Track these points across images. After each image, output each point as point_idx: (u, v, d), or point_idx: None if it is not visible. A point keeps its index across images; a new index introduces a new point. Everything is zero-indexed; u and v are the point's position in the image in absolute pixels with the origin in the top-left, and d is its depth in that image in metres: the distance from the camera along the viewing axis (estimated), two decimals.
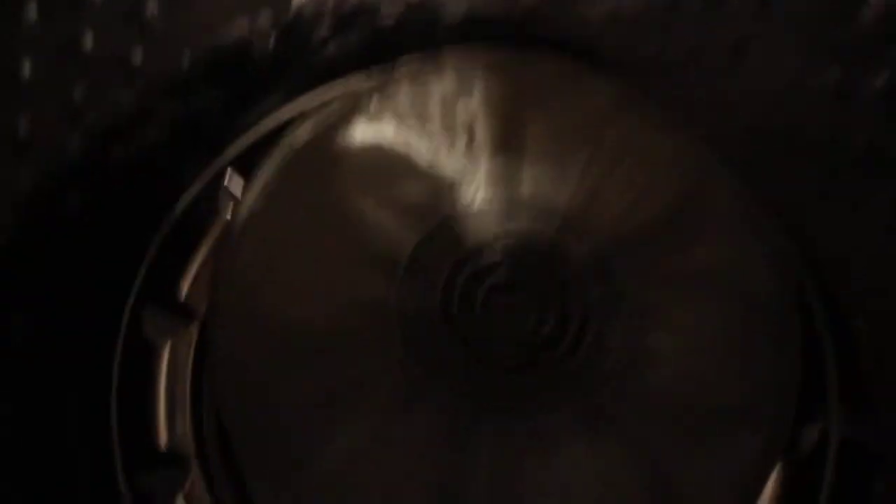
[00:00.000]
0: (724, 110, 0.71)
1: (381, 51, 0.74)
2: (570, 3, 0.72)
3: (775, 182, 0.69)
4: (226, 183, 0.76)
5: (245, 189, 0.73)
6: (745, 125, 0.71)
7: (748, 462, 0.64)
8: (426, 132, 0.70)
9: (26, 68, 0.70)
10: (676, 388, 0.65)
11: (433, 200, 0.70)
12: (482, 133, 0.70)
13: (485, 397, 0.66)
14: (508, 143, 0.70)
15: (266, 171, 0.71)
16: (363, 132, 0.71)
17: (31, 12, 0.69)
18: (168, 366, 0.74)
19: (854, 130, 0.70)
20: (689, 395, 0.65)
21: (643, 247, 0.68)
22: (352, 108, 0.71)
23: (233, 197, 0.75)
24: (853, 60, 0.68)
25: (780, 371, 0.66)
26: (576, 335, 0.67)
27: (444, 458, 0.65)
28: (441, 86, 0.71)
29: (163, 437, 0.73)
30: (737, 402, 0.65)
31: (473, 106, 0.70)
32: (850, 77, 0.68)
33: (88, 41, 0.71)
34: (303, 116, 0.74)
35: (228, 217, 0.75)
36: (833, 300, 0.71)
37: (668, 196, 0.69)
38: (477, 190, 0.69)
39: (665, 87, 0.71)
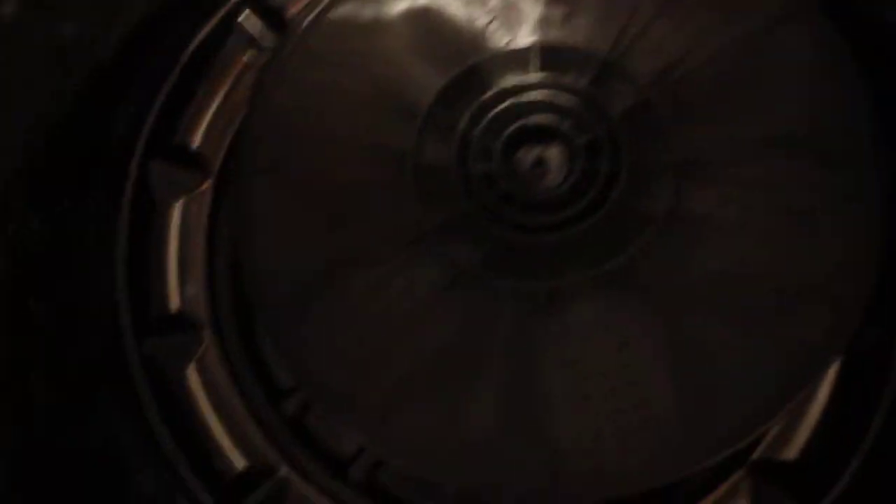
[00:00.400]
0: None
1: None
2: None
3: None
4: (240, 20, 0.71)
5: (266, 31, 0.71)
6: None
7: (802, 351, 0.56)
8: None
9: None
10: (722, 260, 0.57)
11: (465, 47, 0.65)
12: None
13: (500, 255, 0.61)
14: None
15: (301, 20, 0.67)
16: None
17: None
18: (180, 226, 0.70)
19: None
20: (738, 268, 0.57)
21: (694, 99, 0.60)
22: None
23: (248, 37, 0.71)
24: None
25: (856, 249, 0.57)
26: (602, 191, 0.60)
27: (453, 313, 0.60)
28: None
29: (174, 300, 0.70)
30: (797, 281, 0.57)
31: None
32: None
33: None
34: None
35: (245, 59, 0.71)
36: None
37: (726, 43, 0.61)
38: (510, 35, 0.65)
39: None
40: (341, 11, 0.66)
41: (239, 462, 0.67)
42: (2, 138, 0.59)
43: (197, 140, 0.71)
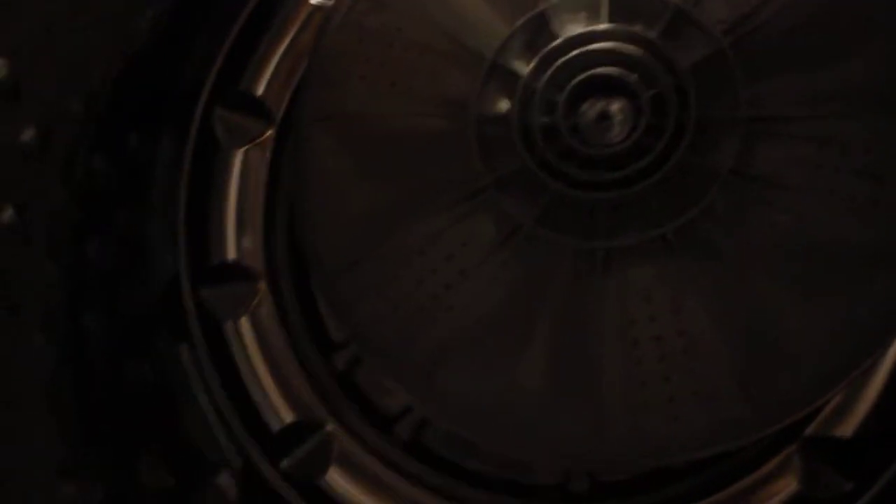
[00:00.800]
0: None
1: None
2: None
3: None
4: None
5: None
6: None
7: (867, 322, 0.53)
8: None
9: None
10: (788, 222, 0.54)
11: None
12: None
13: (558, 212, 0.59)
14: None
15: None
16: None
17: None
18: (241, 174, 0.70)
19: None
20: (805, 232, 0.55)
21: (768, 51, 0.57)
22: None
23: None
24: None
25: None
26: (666, 148, 0.56)
27: (507, 270, 0.59)
28: None
29: (231, 250, 0.70)
30: (867, 249, 0.54)
31: None
32: None
33: None
34: None
35: (311, 5, 0.71)
36: None
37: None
38: None
39: None
40: None
41: (287, 415, 0.68)
42: (76, 71, 0.59)
43: (261, 87, 0.72)
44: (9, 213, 0.52)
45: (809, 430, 0.61)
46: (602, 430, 0.56)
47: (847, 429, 0.61)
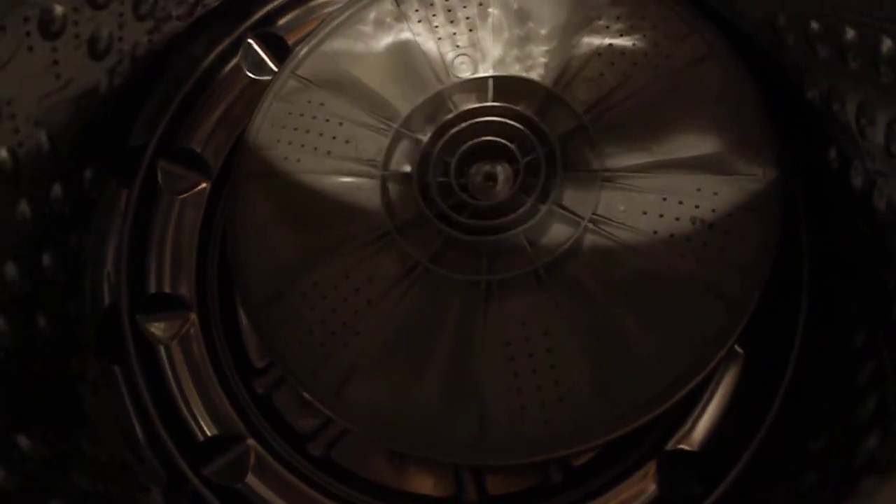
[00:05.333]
0: None
1: None
2: None
3: None
4: (246, 45, 0.83)
5: (268, 56, 0.83)
6: None
7: (698, 343, 0.64)
8: (435, 23, 0.77)
9: None
10: (637, 259, 0.66)
11: (434, 76, 0.75)
12: (487, 21, 0.76)
13: (449, 252, 0.70)
14: (510, 30, 0.75)
15: (299, 49, 0.78)
16: (382, 20, 0.78)
17: None
18: (178, 218, 0.80)
19: None
20: (650, 267, 0.66)
21: (620, 124, 0.70)
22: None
23: (252, 60, 0.83)
24: None
25: (752, 254, 0.65)
26: (537, 201, 0.69)
27: (407, 300, 0.69)
28: None
29: (166, 282, 0.79)
30: (698, 281, 0.65)
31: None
32: None
33: None
34: None
35: (248, 79, 0.83)
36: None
37: (652, 78, 0.71)
38: (472, 68, 0.75)
39: None
40: (334, 44, 0.78)
41: (210, 429, 0.75)
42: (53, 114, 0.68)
43: (200, 145, 0.82)
44: None
45: (668, 446, 0.71)
46: (486, 432, 0.65)
47: (695, 444, 0.71)
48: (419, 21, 0.77)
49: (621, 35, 0.73)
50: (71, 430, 0.67)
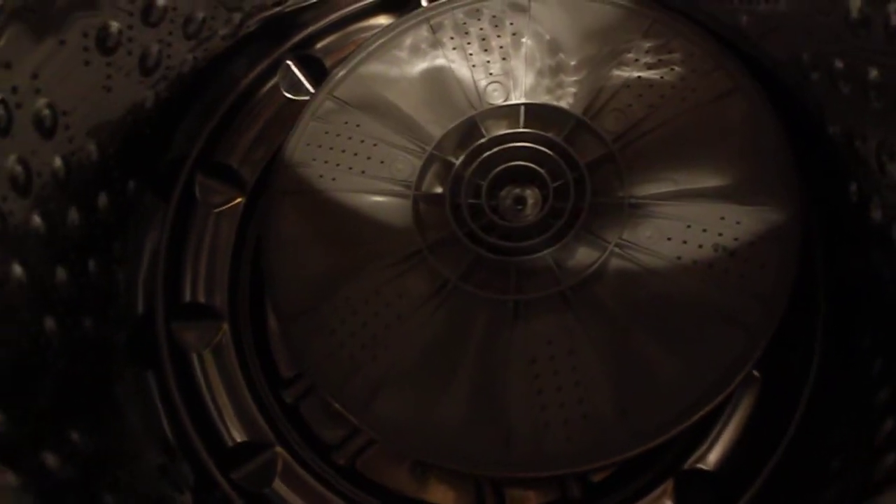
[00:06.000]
0: None
1: None
2: None
3: None
4: (285, 66, 0.86)
5: (306, 77, 0.86)
6: None
7: (716, 367, 0.66)
8: (469, 50, 0.80)
9: None
10: (660, 285, 0.69)
11: (468, 101, 0.78)
12: (520, 51, 0.79)
13: (479, 271, 0.72)
14: (542, 60, 0.78)
15: (337, 71, 0.81)
16: (417, 46, 0.81)
17: None
18: (214, 230, 0.82)
19: None
20: (672, 293, 0.68)
21: (647, 153, 0.73)
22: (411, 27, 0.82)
23: (291, 81, 0.86)
24: None
25: (772, 283, 0.67)
26: (566, 224, 0.71)
27: (436, 316, 0.71)
28: (489, 10, 0.81)
29: (201, 292, 0.81)
30: (719, 308, 0.67)
31: (518, 27, 0.79)
32: None
33: None
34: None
35: (286, 98, 0.86)
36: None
37: (678, 110, 0.74)
38: (504, 95, 0.78)
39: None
40: (370, 68, 0.81)
41: (239, 436, 0.77)
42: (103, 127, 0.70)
43: (237, 161, 0.85)
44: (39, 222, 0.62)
45: (685, 466, 0.73)
46: (510, 446, 0.67)
47: (712, 464, 0.73)
48: (454, 48, 0.80)
49: (650, 68, 0.76)
50: (110, 429, 0.69)
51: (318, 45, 0.88)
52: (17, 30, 0.56)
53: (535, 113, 0.77)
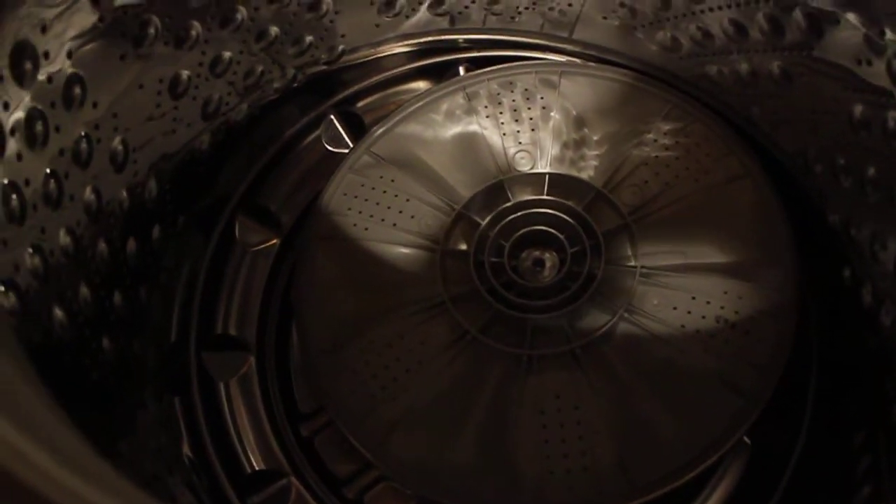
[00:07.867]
0: None
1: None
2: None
3: None
4: (328, 119, 0.92)
5: (346, 132, 0.92)
6: None
7: (711, 430, 0.70)
8: (501, 119, 0.86)
9: None
10: (664, 349, 0.74)
11: (496, 166, 0.84)
12: (548, 124, 0.85)
13: (497, 325, 0.77)
14: (567, 133, 0.85)
15: (376, 129, 0.87)
16: (453, 111, 0.87)
17: None
18: (249, 267, 0.87)
19: None
20: (675, 357, 0.73)
21: (660, 227, 0.79)
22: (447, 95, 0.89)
23: (331, 134, 0.92)
24: None
25: (769, 356, 0.72)
26: (580, 288, 0.76)
27: (453, 364, 0.76)
28: (521, 84, 0.87)
29: (232, 326, 0.86)
30: (718, 375, 0.72)
31: (547, 101, 0.86)
32: None
33: None
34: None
35: (325, 150, 0.92)
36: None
37: (691, 190, 0.80)
38: (531, 163, 0.84)
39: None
40: (407, 128, 0.87)
41: (257, 463, 0.81)
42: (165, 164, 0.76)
43: (276, 205, 0.90)
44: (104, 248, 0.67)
45: None
46: (514, 491, 0.71)
47: None
48: (487, 116, 0.86)
49: (667, 149, 0.82)
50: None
51: (360, 104, 0.95)
52: (107, 71, 0.62)
53: (559, 182, 0.83)
